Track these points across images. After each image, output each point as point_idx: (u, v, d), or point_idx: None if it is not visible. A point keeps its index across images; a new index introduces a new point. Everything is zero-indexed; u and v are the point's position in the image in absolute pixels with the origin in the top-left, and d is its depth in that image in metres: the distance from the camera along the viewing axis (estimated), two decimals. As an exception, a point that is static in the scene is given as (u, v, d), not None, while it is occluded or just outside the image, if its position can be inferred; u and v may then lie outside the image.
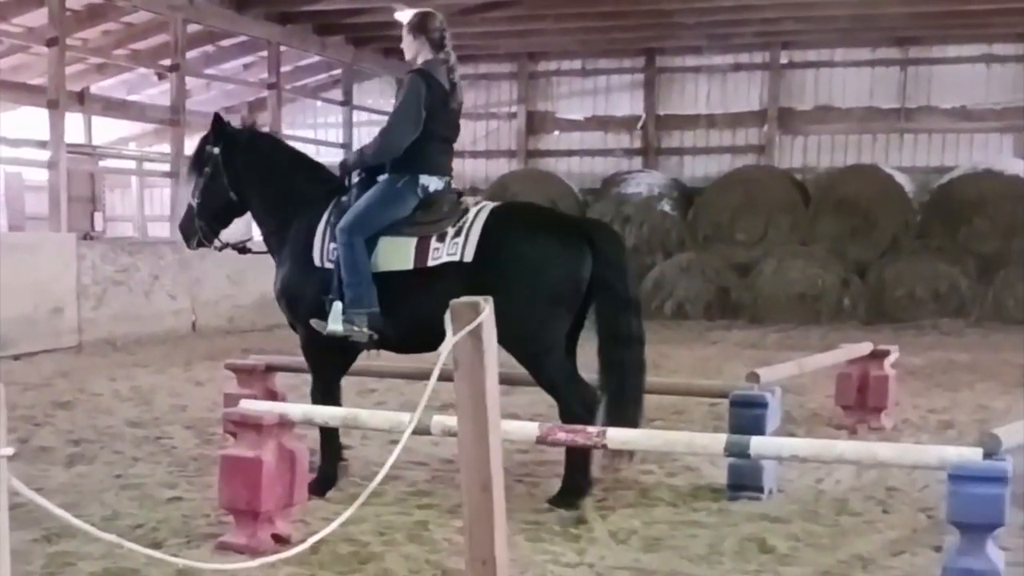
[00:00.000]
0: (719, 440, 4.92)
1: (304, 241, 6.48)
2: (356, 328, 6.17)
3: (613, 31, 20.23)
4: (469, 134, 21.89)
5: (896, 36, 19.70)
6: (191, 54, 18.35)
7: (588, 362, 6.22)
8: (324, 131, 22.35)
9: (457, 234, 6.12)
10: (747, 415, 6.18)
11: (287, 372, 8.24)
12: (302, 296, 6.46)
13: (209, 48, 20.12)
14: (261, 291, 16.72)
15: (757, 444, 4.78)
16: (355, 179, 6.49)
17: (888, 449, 4.94)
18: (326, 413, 5.59)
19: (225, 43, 20.08)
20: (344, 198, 6.42)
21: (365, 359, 6.83)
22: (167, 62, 17.23)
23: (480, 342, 3.35)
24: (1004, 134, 19.68)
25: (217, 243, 7.05)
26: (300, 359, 8.63)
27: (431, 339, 6.34)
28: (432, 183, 6.34)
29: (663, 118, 21.40)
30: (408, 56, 6.56)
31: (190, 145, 17.15)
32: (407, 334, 6.21)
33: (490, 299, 3.44)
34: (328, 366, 6.62)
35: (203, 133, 6.99)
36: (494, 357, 3.41)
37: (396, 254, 6.21)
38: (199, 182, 6.86)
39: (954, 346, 14.48)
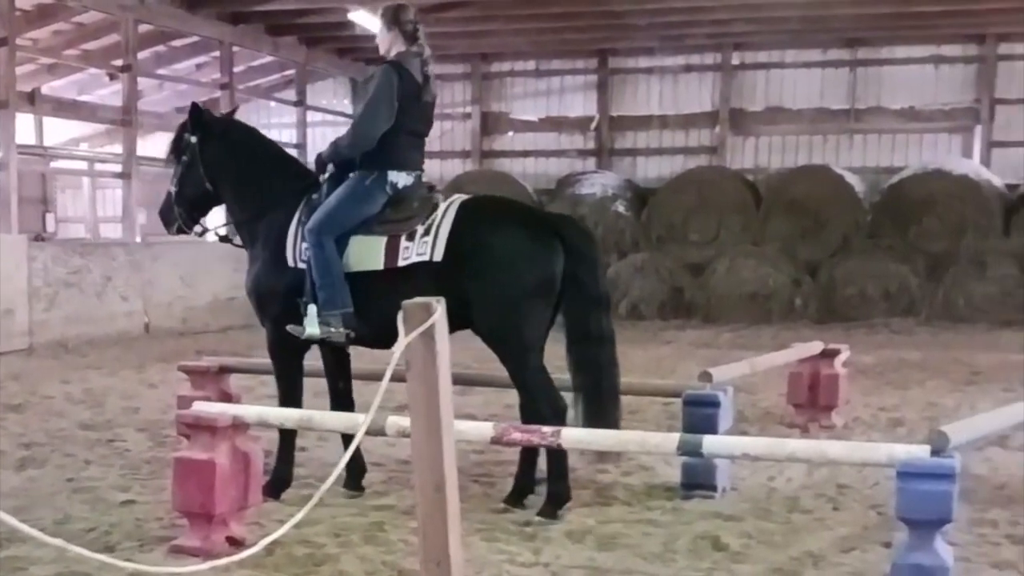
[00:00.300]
0: (672, 439, 4.96)
1: (277, 239, 6.39)
2: (332, 329, 6.11)
3: (566, 32, 20.31)
4: (424, 135, 21.85)
5: (846, 37, 19.92)
6: (142, 54, 18.24)
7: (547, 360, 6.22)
8: (278, 131, 22.15)
9: (426, 232, 6.04)
10: (700, 414, 6.22)
11: (241, 373, 8.21)
12: (274, 296, 6.38)
13: (161, 48, 19.99)
14: (214, 292, 16.70)
15: (710, 443, 4.83)
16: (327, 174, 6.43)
17: (838, 447, 5.01)
18: (281, 415, 5.58)
19: (177, 43, 19.96)
20: (315, 196, 6.35)
21: (314, 359, 6.79)
22: (118, 62, 17.13)
23: (432, 343, 3.35)
24: (952, 134, 19.96)
25: (198, 229, 6.97)
26: (254, 360, 8.60)
27: None
28: (401, 179, 6.27)
29: (616, 119, 21.50)
30: (382, 50, 6.48)
31: (142, 146, 17.14)
32: (381, 333, 6.04)
33: (442, 300, 3.43)
34: (295, 367, 6.55)
35: (181, 122, 6.89)
36: (447, 357, 3.42)
37: (367, 254, 6.15)
38: (177, 169, 6.79)
39: (904, 344, 14.65)
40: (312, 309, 6.12)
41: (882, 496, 6.19)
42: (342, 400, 6.64)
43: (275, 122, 22.52)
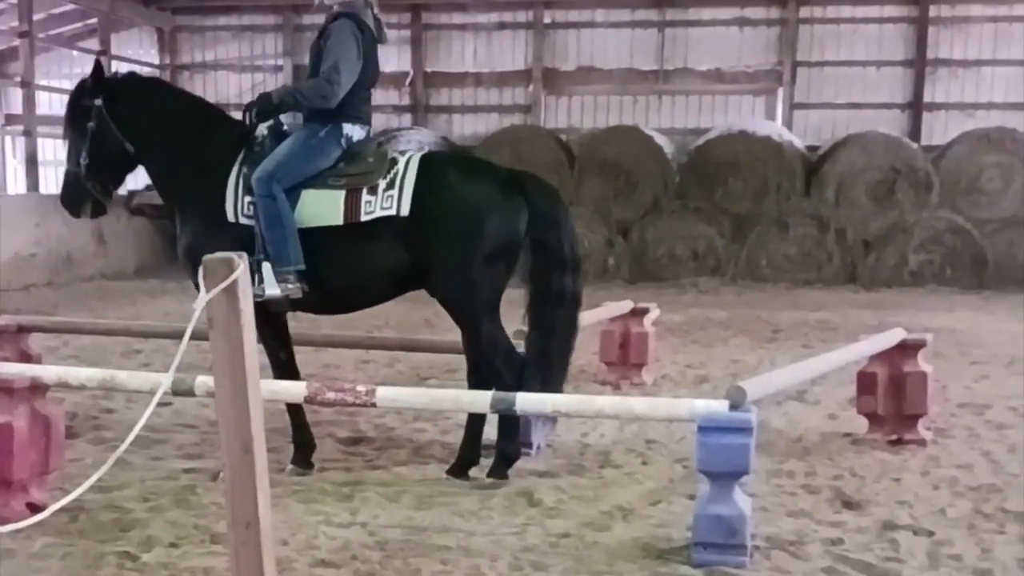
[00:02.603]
0: (486, 397, 5.05)
1: (214, 194, 5.99)
2: (291, 287, 5.79)
3: (380, -15, 20.05)
4: (235, 87, 21.38)
5: (654, -3, 20.27)
6: (-67, -2, 17.31)
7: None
8: (81, 82, 21.43)
9: (390, 186, 5.83)
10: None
11: (43, 333, 7.95)
12: None
13: (-46, -7, 19.02)
14: (15, 248, 16.05)
15: (522, 400, 4.93)
16: (263, 129, 6.09)
17: (643, 403, 5.18)
18: (82, 375, 5.38)
19: (-28, -12, 19.01)
20: (256, 148, 6.03)
21: (133, 318, 6.62)
22: (-93, 7, 16.22)
23: (236, 299, 3.28)
24: (756, 96, 20.50)
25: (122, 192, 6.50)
26: (56, 319, 8.32)
27: (364, 298, 6.11)
28: (355, 132, 6.09)
29: (431, 75, 21.39)
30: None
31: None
32: (336, 294, 5.94)
33: (244, 255, 3.36)
34: (269, 334, 6.06)
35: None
36: (251, 314, 3.35)
37: (323, 208, 5.86)
38: (81, 142, 6.19)
39: (711, 304, 15.08)
40: (267, 267, 5.78)
41: (688, 450, 6.37)
42: (286, 371, 6.21)
43: (77, 72, 21.61)
